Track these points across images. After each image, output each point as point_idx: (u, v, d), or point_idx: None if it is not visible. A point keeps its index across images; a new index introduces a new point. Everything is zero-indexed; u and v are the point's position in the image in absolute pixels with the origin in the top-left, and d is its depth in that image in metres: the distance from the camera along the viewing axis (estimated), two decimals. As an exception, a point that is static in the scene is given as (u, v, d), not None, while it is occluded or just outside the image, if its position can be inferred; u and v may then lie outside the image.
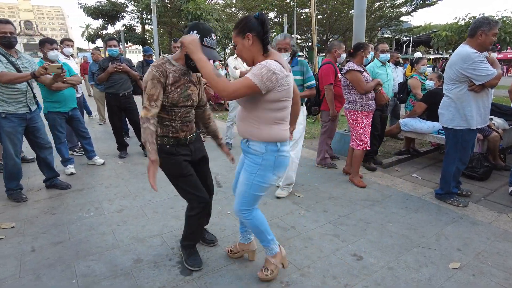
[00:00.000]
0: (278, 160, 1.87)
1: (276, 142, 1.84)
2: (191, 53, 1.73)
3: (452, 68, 2.92)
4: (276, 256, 2.07)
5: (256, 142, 1.85)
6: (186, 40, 1.76)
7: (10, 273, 2.19)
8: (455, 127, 3.01)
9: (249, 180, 1.89)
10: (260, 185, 1.90)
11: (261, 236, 2.04)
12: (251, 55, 1.78)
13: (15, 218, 2.98)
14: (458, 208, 3.12)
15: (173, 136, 2.06)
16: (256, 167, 1.87)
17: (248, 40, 1.74)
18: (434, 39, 14.59)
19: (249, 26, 1.74)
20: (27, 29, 33.58)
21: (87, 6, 20.00)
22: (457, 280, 2.11)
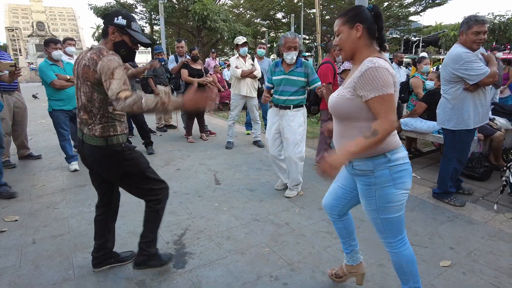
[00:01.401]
0: (395, 171, 1.53)
1: (384, 153, 1.53)
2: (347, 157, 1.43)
3: (445, 69, 2.93)
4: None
5: (361, 161, 1.56)
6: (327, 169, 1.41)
7: (11, 263, 2.27)
8: (452, 127, 3.00)
9: (372, 205, 1.60)
10: (388, 206, 1.56)
11: (402, 277, 1.72)
12: (354, 48, 1.55)
13: (18, 212, 3.08)
14: (455, 207, 3.11)
15: (126, 132, 1.97)
16: (372, 189, 1.56)
17: (356, 31, 1.52)
18: (442, 39, 14.44)
19: (361, 17, 1.51)
20: (39, 30, 34.17)
21: (97, 7, 20.30)
22: (446, 277, 2.13)
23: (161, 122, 6.76)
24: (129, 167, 1.92)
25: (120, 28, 1.82)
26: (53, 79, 3.91)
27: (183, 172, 4.14)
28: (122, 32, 1.84)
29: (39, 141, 5.90)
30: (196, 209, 3.12)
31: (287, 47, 3.12)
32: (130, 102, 1.61)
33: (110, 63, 1.69)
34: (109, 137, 1.84)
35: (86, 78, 1.76)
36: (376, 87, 1.41)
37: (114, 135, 1.86)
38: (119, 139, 1.88)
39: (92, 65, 1.73)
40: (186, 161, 4.65)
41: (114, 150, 1.86)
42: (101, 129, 1.83)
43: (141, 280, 2.10)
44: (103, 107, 1.81)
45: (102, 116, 1.82)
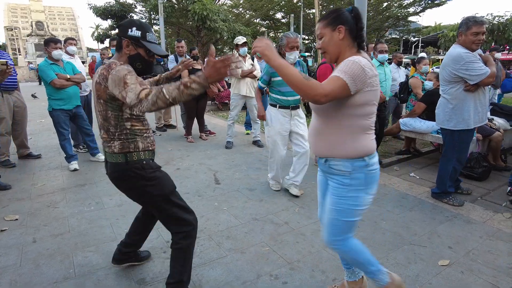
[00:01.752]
0: (369, 176, 1.57)
1: (363, 157, 1.55)
2: (269, 60, 1.42)
3: (445, 70, 2.94)
4: (388, 286, 1.75)
5: (339, 161, 1.57)
6: (261, 46, 1.43)
7: (12, 262, 2.28)
8: (452, 127, 3.01)
9: (339, 205, 1.60)
10: (353, 209, 1.59)
11: (363, 268, 1.75)
12: (338, 50, 1.56)
13: (19, 211, 3.08)
14: (453, 207, 3.13)
15: (152, 149, 1.83)
16: (345, 189, 1.58)
17: (339, 33, 1.53)
18: (441, 40, 14.46)
19: (342, 19, 1.53)
20: (39, 29, 34.14)
21: (96, 7, 20.30)
22: (444, 276, 2.14)
23: (160, 122, 6.77)
24: (150, 187, 1.76)
25: (135, 41, 1.70)
26: (53, 78, 3.92)
27: (183, 172, 4.15)
28: (137, 45, 1.71)
29: (39, 141, 5.91)
30: (196, 208, 3.12)
31: (290, 47, 3.12)
32: (153, 98, 1.47)
33: (119, 73, 1.57)
34: (128, 153, 1.71)
35: (99, 96, 1.67)
36: (337, 70, 1.45)
37: (135, 152, 1.73)
38: (140, 156, 1.74)
39: (102, 81, 1.62)
40: (186, 160, 4.66)
41: (134, 167, 1.72)
42: (120, 145, 1.71)
43: (142, 279, 2.11)
44: (119, 124, 1.70)
45: (121, 134, 1.71)
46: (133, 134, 1.73)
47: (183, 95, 1.47)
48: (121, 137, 1.71)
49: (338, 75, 1.42)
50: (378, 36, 24.95)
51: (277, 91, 3.30)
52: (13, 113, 4.35)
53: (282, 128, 3.33)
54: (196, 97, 5.60)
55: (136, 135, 1.74)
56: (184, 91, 1.46)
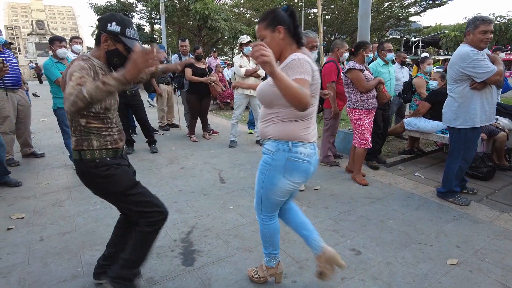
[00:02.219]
0: (289, 163, 1.68)
1: (287, 141, 1.67)
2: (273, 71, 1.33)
3: (452, 68, 2.95)
4: (270, 269, 2.00)
5: (270, 141, 1.72)
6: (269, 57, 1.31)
7: (20, 260, 2.28)
8: (458, 126, 3.02)
9: (260, 180, 1.77)
10: (270, 188, 1.73)
11: (266, 245, 1.95)
12: (280, 48, 1.66)
13: (25, 209, 3.08)
14: (460, 206, 3.13)
15: (113, 147, 1.75)
16: (266, 167, 1.73)
17: (279, 33, 1.63)
18: (442, 40, 14.46)
19: (280, 19, 1.63)
20: (39, 28, 34.10)
21: (97, 6, 20.29)
22: (454, 275, 2.14)
23: (163, 121, 6.77)
24: (106, 184, 1.73)
25: (113, 36, 1.66)
26: (58, 76, 3.91)
27: (188, 171, 4.15)
28: (116, 40, 1.67)
29: (42, 139, 5.90)
30: (202, 207, 3.12)
31: (309, 47, 3.04)
32: (73, 98, 1.39)
33: (72, 68, 1.54)
34: (82, 151, 1.68)
35: (63, 89, 1.60)
36: (296, 72, 1.52)
37: (88, 150, 1.68)
38: (94, 155, 1.69)
39: (65, 75, 1.60)
40: (190, 160, 4.66)
41: (88, 165, 1.70)
42: (75, 142, 1.69)
43: (151, 277, 2.11)
44: (74, 120, 1.66)
45: (75, 129, 1.68)
46: (87, 132, 1.67)
47: (102, 93, 1.40)
48: (76, 134, 1.68)
49: (302, 77, 1.50)
50: (379, 36, 24.96)
51: None
52: (17, 111, 4.34)
53: None
54: (200, 96, 5.62)
55: (90, 133, 1.67)
56: (102, 88, 1.39)
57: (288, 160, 1.68)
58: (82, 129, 1.67)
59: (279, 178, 1.70)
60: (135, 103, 4.91)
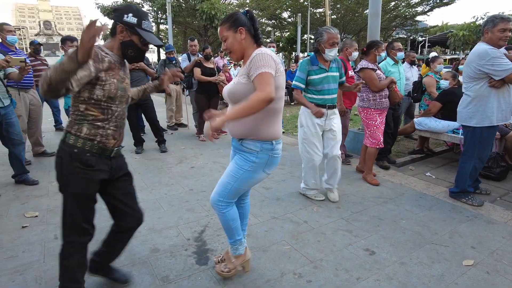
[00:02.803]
0: (271, 159, 1.84)
1: (271, 141, 1.81)
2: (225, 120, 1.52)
3: (469, 66, 2.93)
4: (239, 257, 2.03)
5: (251, 141, 1.80)
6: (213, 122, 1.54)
7: (36, 258, 2.30)
8: (474, 124, 2.98)
9: (237, 173, 1.83)
10: (248, 180, 1.86)
11: (230, 233, 2.00)
12: (242, 48, 1.78)
13: (38, 208, 3.10)
14: (473, 207, 3.09)
15: (100, 142, 1.66)
16: (248, 164, 1.82)
17: (240, 34, 1.75)
18: (450, 39, 14.34)
19: (241, 21, 1.76)
20: (46, 29, 34.39)
21: (103, 6, 20.44)
22: (470, 276, 2.12)
23: (172, 121, 6.79)
24: (61, 178, 1.67)
25: (129, 27, 1.64)
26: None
27: (198, 170, 4.15)
28: (132, 32, 1.65)
29: (51, 139, 5.95)
30: (214, 206, 3.12)
31: (330, 43, 2.93)
32: (41, 81, 1.37)
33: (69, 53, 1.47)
34: (68, 133, 1.63)
35: None
36: (259, 66, 1.61)
37: (75, 135, 1.61)
38: (77, 142, 1.61)
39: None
40: (200, 159, 4.66)
41: (66, 150, 1.62)
42: (69, 122, 1.66)
43: (165, 276, 2.11)
44: (75, 104, 1.63)
45: (73, 112, 1.65)
46: (83, 118, 1.62)
47: (57, 72, 1.34)
48: (73, 116, 1.65)
49: (263, 71, 1.59)
50: (385, 36, 24.83)
51: (313, 90, 3.08)
52: (29, 111, 4.38)
53: (319, 129, 3.13)
54: (208, 96, 5.61)
55: (85, 120, 1.62)
56: (57, 67, 1.34)
57: (271, 157, 1.84)
58: (79, 113, 1.62)
59: (259, 173, 1.86)
60: (145, 102, 4.93)
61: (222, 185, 1.89)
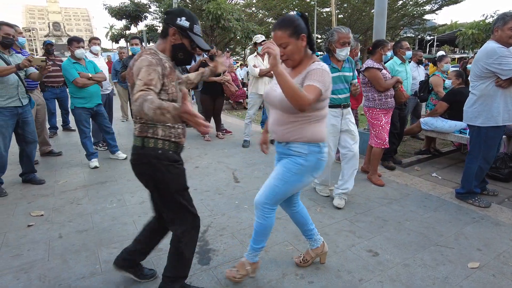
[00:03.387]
0: (319, 162, 1.84)
1: (319, 143, 1.81)
2: (275, 65, 1.53)
3: (477, 65, 2.88)
4: (253, 264, 2.03)
5: (299, 144, 1.80)
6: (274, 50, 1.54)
7: (41, 257, 2.33)
8: (480, 124, 2.94)
9: (285, 176, 1.82)
10: (296, 184, 1.84)
11: (259, 239, 1.97)
12: (301, 56, 1.77)
13: (43, 207, 3.14)
14: (480, 208, 3.05)
15: (175, 141, 1.72)
16: (297, 167, 1.81)
17: (302, 41, 1.72)
18: (459, 38, 14.13)
19: (302, 27, 1.72)
20: (55, 30, 34.94)
21: (111, 7, 20.64)
22: (475, 279, 2.08)
23: (177, 121, 6.81)
24: (159, 180, 1.70)
25: (182, 30, 1.66)
26: (75, 77, 3.98)
27: (202, 170, 4.16)
28: (183, 35, 1.67)
29: (58, 138, 6.02)
30: (217, 206, 3.13)
31: (341, 43, 2.93)
32: (137, 107, 1.40)
33: (141, 62, 1.55)
34: (145, 138, 1.66)
35: (129, 79, 1.65)
36: (314, 78, 1.66)
37: (152, 138, 1.65)
38: (158, 144, 1.66)
39: (132, 65, 1.62)
40: (204, 159, 4.68)
41: (149, 154, 1.66)
42: (140, 128, 1.67)
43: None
44: None
45: (142, 118, 1.66)
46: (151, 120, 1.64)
47: (158, 117, 1.36)
48: (142, 121, 1.66)
49: (315, 85, 1.64)
50: (393, 35, 24.61)
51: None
52: (36, 111, 4.44)
53: (333, 129, 3.13)
54: (213, 96, 5.61)
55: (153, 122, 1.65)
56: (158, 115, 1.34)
57: (319, 160, 1.83)
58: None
59: (308, 177, 1.85)
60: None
61: (269, 187, 1.86)
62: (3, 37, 3.28)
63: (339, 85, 3.06)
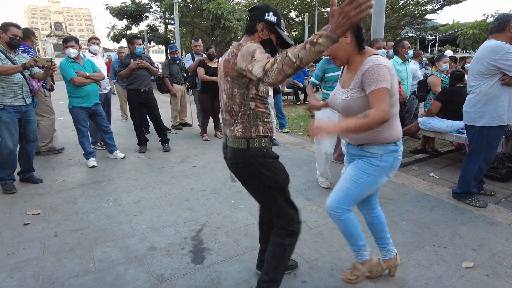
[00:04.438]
0: (396, 162, 1.77)
1: (395, 142, 1.74)
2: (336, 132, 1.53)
3: (481, 62, 2.79)
4: (365, 263, 1.92)
5: (375, 145, 1.73)
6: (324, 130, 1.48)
7: (35, 255, 2.33)
8: (484, 124, 2.86)
9: (360, 178, 1.75)
10: (371, 186, 1.77)
11: (351, 240, 1.90)
12: (348, 53, 1.70)
13: (40, 206, 3.15)
14: (476, 208, 3.03)
15: (270, 136, 1.70)
16: (372, 168, 1.74)
17: (345, 38, 1.65)
18: (460, 38, 14.09)
19: None
20: (57, 30, 34.96)
21: (112, 7, 20.67)
22: (469, 279, 2.07)
23: (176, 121, 6.83)
24: (268, 178, 1.66)
25: (270, 26, 1.65)
26: (73, 76, 3.99)
27: (199, 169, 4.17)
28: (271, 30, 1.66)
29: (57, 138, 6.02)
30: (213, 205, 3.13)
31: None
32: (278, 65, 1.36)
33: (249, 48, 1.51)
34: (250, 139, 1.62)
35: (226, 73, 1.61)
36: (373, 81, 1.56)
37: (256, 137, 1.63)
38: (261, 142, 1.64)
39: (232, 58, 1.58)
40: (202, 158, 4.68)
41: (256, 154, 1.63)
42: (243, 129, 1.63)
43: (160, 275, 2.12)
44: (244, 103, 1.62)
45: (244, 114, 1.63)
46: (256, 116, 1.63)
47: (311, 54, 1.29)
48: (244, 118, 1.62)
49: (379, 87, 1.54)
50: (394, 35, 24.54)
51: (327, 87, 3.25)
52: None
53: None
54: (212, 95, 5.61)
55: (258, 118, 1.64)
56: (312, 49, 1.28)
57: (396, 159, 1.77)
58: (251, 113, 1.63)
59: (383, 177, 1.77)
60: (149, 101, 4.95)
61: (342, 191, 1.80)
62: (10, 37, 3.33)
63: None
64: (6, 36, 3.31)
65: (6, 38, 3.31)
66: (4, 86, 3.30)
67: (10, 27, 3.33)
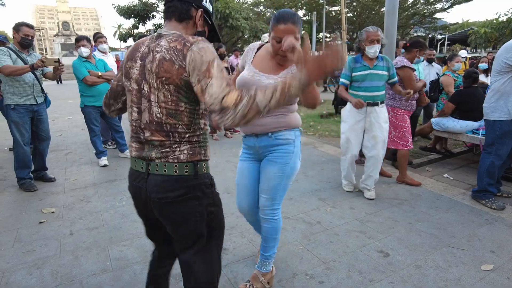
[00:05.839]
0: (300, 146, 1.88)
1: (299, 127, 1.86)
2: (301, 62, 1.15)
3: (497, 60, 2.90)
4: (267, 275, 1.96)
5: (286, 131, 1.77)
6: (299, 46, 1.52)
7: (52, 253, 2.35)
8: (496, 118, 2.95)
9: (283, 172, 1.77)
10: (292, 175, 1.82)
11: (274, 243, 1.91)
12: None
13: (54, 204, 3.17)
14: (493, 210, 2.99)
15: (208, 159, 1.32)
16: (289, 156, 1.77)
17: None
18: (471, 37, 13.90)
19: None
20: (65, 29, 35.31)
21: (120, 7, 20.78)
22: (489, 281, 2.04)
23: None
24: (211, 219, 1.29)
25: (206, 15, 1.29)
26: (85, 75, 4.01)
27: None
28: (205, 20, 1.30)
29: (68, 137, 6.08)
30: (226, 205, 3.09)
31: (369, 41, 3.02)
32: (243, 109, 1.04)
33: (204, 54, 1.10)
34: (198, 162, 1.21)
35: (167, 79, 1.13)
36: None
37: (204, 161, 1.25)
38: (208, 167, 1.30)
39: (177, 58, 1.12)
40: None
41: (203, 183, 1.24)
42: (191, 150, 1.20)
43: (178, 274, 2.11)
44: (194, 122, 1.21)
45: (194, 134, 1.22)
46: (204, 136, 1.26)
47: (280, 104, 1.07)
48: (193, 139, 1.21)
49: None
50: (403, 34, 24.35)
51: (354, 86, 3.19)
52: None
53: (356, 125, 3.20)
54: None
55: (206, 139, 1.28)
56: (281, 97, 1.06)
57: (301, 143, 1.88)
58: (201, 133, 1.25)
59: (298, 162, 1.84)
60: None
61: (274, 190, 1.78)
62: (22, 37, 3.36)
63: (366, 83, 3.11)
64: (18, 36, 3.34)
65: (18, 38, 3.35)
66: (15, 86, 3.34)
67: (22, 27, 3.36)
